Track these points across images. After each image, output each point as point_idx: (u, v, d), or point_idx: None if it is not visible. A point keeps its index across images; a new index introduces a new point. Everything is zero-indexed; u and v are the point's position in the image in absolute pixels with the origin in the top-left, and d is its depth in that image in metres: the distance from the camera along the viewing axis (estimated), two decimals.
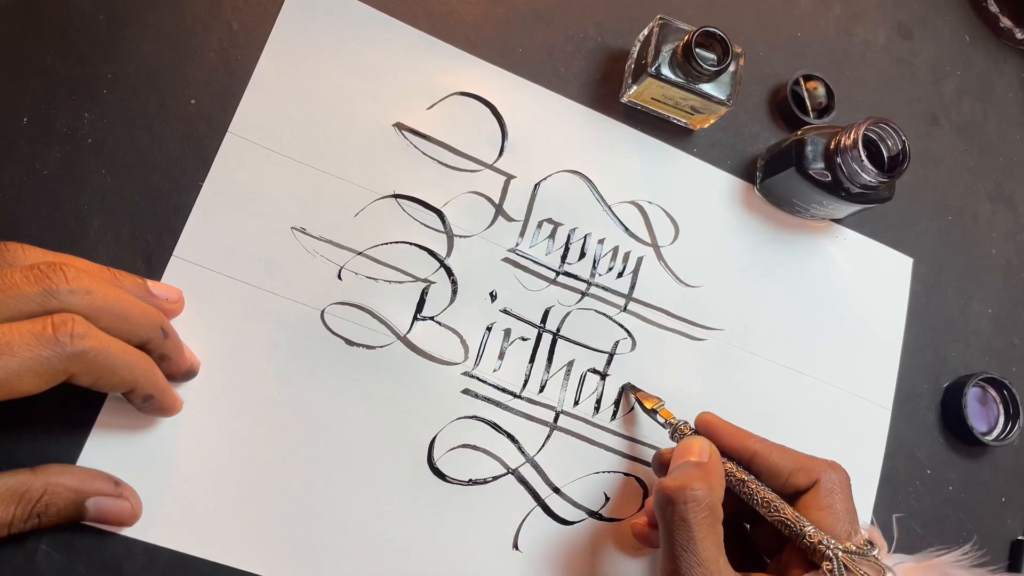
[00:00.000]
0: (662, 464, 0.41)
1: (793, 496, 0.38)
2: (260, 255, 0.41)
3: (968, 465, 0.51)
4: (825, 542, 0.35)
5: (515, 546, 0.41)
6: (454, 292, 0.43)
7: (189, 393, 0.38)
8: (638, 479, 0.44)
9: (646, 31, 0.46)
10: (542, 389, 0.44)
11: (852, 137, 0.44)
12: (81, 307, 0.31)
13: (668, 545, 0.35)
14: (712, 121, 0.48)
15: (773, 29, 0.53)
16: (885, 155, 0.45)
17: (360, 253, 0.42)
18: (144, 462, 0.37)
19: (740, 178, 0.50)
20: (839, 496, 0.37)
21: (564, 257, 0.46)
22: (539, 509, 0.42)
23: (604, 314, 0.46)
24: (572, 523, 0.43)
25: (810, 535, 0.35)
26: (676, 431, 0.41)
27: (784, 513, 0.36)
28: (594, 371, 0.45)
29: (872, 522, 0.46)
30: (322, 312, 0.41)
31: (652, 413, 0.43)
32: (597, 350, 0.45)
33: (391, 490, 0.40)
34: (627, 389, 0.45)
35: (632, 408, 0.45)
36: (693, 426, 0.41)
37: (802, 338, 0.49)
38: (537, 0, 0.48)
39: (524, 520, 0.42)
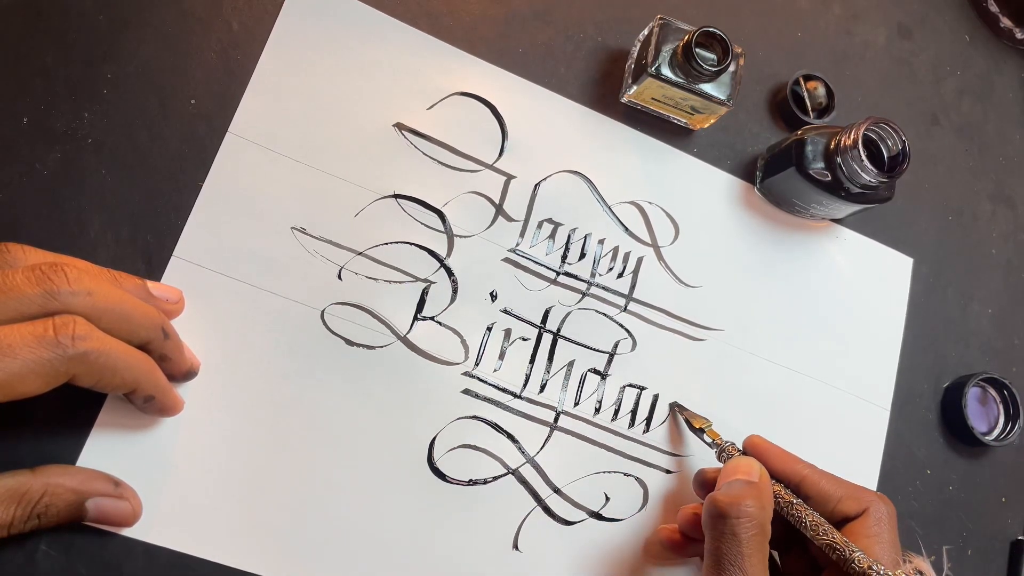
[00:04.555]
0: (705, 481, 0.41)
1: (840, 523, 0.38)
2: (260, 255, 0.41)
3: (968, 465, 0.51)
4: (876, 568, 0.34)
5: (515, 546, 0.42)
6: (454, 292, 0.43)
7: (189, 393, 0.38)
8: (638, 479, 0.44)
9: (646, 31, 0.46)
10: (542, 389, 0.44)
11: (852, 137, 0.44)
12: (82, 308, 0.31)
13: (714, 558, 0.35)
14: (712, 121, 0.48)
15: (773, 29, 0.53)
16: (885, 155, 0.45)
17: (360, 253, 0.42)
18: (144, 462, 0.37)
19: (740, 178, 0.50)
20: (887, 526, 0.37)
21: (564, 257, 0.46)
22: (539, 509, 0.42)
23: (604, 314, 0.46)
24: (572, 523, 0.43)
25: (859, 560, 0.35)
26: (723, 452, 0.41)
27: (833, 537, 0.36)
28: (594, 371, 0.45)
29: (923, 552, 0.45)
30: (322, 312, 0.41)
31: (699, 432, 0.43)
32: (597, 350, 0.45)
33: (391, 490, 0.40)
34: (674, 408, 0.45)
35: (663, 418, 0.45)
36: (740, 447, 0.41)
37: (802, 338, 0.49)
38: (537, 0, 0.48)
39: (524, 520, 0.42)
